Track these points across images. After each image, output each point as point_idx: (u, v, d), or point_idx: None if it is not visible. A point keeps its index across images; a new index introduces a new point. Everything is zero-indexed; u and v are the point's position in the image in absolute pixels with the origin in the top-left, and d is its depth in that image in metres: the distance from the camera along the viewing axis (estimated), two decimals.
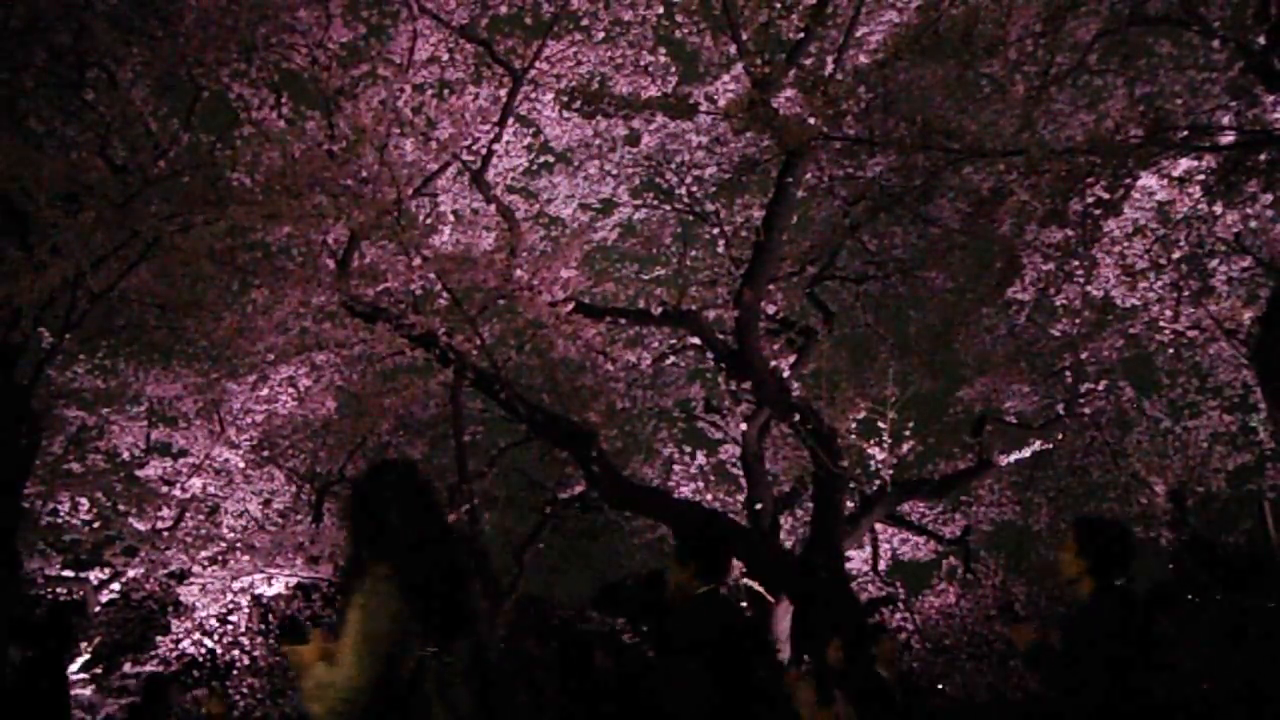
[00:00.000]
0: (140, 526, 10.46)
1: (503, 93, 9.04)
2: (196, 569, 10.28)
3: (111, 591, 11.34)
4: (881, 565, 14.23)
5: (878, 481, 10.59)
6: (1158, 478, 12.24)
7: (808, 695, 5.51)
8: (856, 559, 14.07)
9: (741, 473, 10.57)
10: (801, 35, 8.68)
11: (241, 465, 11.06)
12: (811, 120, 6.92)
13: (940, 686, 13.24)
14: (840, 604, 8.42)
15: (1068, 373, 11.39)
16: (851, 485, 10.11)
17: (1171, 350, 10.95)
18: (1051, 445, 11.63)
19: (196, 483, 10.91)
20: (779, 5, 8.71)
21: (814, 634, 7.38)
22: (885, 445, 10.40)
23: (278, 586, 11.07)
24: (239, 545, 10.15)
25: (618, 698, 5.83)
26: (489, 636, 12.48)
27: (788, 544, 12.05)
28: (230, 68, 8.13)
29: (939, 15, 6.49)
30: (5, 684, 5.85)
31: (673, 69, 9.68)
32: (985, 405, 11.71)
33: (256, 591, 11.25)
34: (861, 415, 10.16)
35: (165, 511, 10.84)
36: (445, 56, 9.03)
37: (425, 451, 12.62)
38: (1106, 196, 6.16)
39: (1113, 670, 3.18)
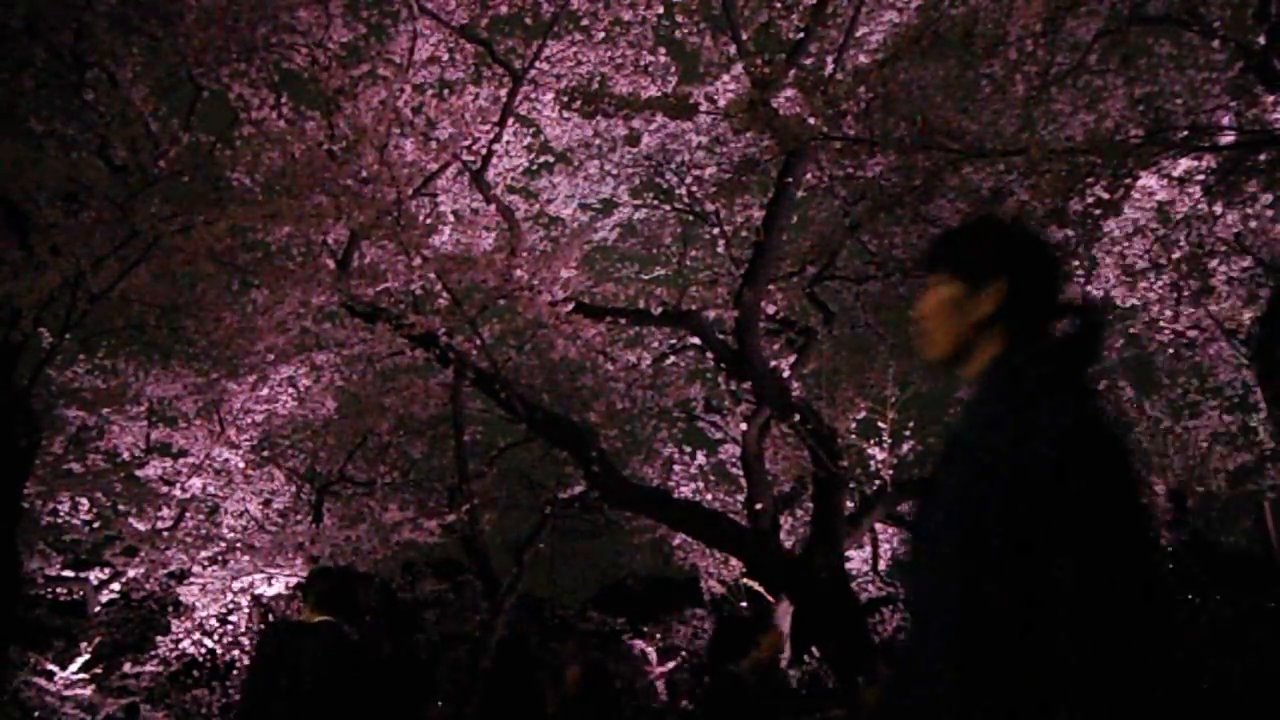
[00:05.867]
0: (140, 526, 10.46)
1: (503, 93, 9.03)
2: (196, 569, 10.27)
3: (111, 591, 11.36)
4: (881, 565, 14.23)
5: (878, 481, 10.60)
6: (1158, 478, 12.24)
7: None
8: (856, 559, 14.08)
9: (741, 473, 10.57)
10: (801, 35, 8.67)
11: (241, 465, 11.05)
12: (811, 120, 6.91)
13: None
14: (840, 604, 8.42)
15: None
16: (851, 485, 10.11)
17: (1171, 350, 10.94)
18: None
19: (196, 483, 10.91)
20: (779, 5, 8.71)
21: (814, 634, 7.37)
22: (885, 445, 10.40)
23: (278, 586, 11.06)
24: (239, 545, 10.14)
25: None
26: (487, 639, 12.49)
27: (788, 544, 12.04)
28: (230, 68, 8.11)
29: (939, 15, 6.48)
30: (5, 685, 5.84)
31: (673, 69, 9.67)
32: None
33: (256, 591, 11.24)
34: (861, 415, 10.17)
35: (165, 511, 10.84)
36: (445, 56, 9.02)
37: (425, 451, 12.62)
38: (1106, 196, 6.15)
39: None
